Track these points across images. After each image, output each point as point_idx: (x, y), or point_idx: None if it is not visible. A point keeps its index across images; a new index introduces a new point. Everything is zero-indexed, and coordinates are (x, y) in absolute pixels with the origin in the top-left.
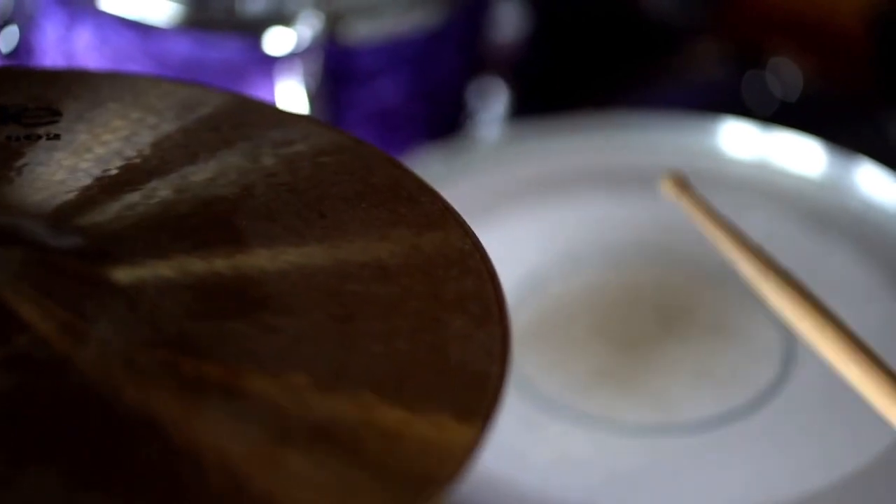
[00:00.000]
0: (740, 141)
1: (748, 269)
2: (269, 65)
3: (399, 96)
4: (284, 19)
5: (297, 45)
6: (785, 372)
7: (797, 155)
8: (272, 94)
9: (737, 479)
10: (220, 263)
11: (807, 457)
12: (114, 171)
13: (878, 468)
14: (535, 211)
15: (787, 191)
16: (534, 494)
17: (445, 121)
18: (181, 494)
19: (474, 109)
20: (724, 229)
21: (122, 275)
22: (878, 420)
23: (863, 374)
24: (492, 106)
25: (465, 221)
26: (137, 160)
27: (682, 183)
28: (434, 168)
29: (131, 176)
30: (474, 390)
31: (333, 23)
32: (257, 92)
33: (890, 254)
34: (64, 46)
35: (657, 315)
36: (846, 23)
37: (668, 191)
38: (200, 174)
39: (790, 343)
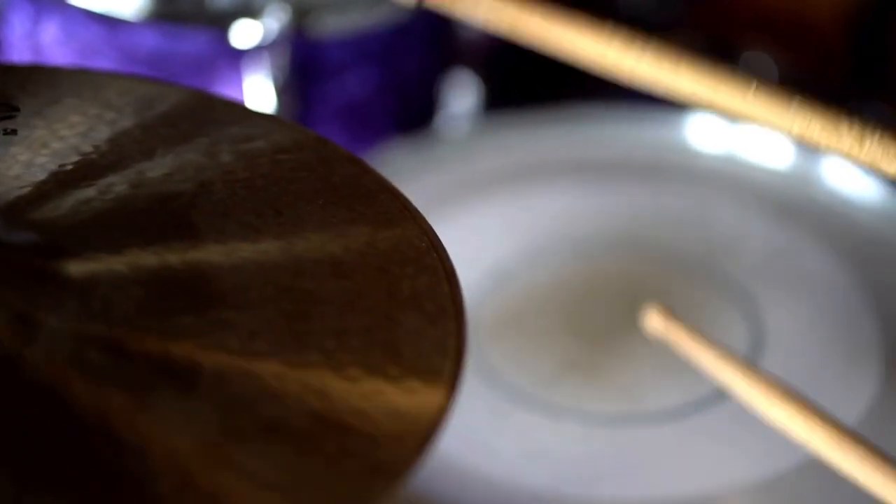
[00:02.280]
0: (708, 134)
1: (745, 389)
2: (237, 58)
3: (368, 90)
4: (252, 12)
5: (264, 39)
6: (751, 361)
7: (764, 147)
8: (240, 88)
9: (701, 468)
10: (174, 259)
11: (771, 444)
12: (69, 167)
13: None
14: (504, 203)
15: (755, 183)
16: (501, 483)
17: (416, 115)
18: (128, 491)
19: (445, 103)
20: (716, 352)
21: (75, 269)
22: (838, 407)
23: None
24: (463, 100)
25: (424, 219)
26: (94, 156)
27: (668, 314)
28: (403, 161)
29: (87, 171)
30: (427, 387)
31: (300, 16)
32: (225, 85)
33: (857, 245)
34: (31, 40)
35: (624, 306)
36: (820, 17)
37: (654, 324)
38: (157, 170)
39: (757, 333)
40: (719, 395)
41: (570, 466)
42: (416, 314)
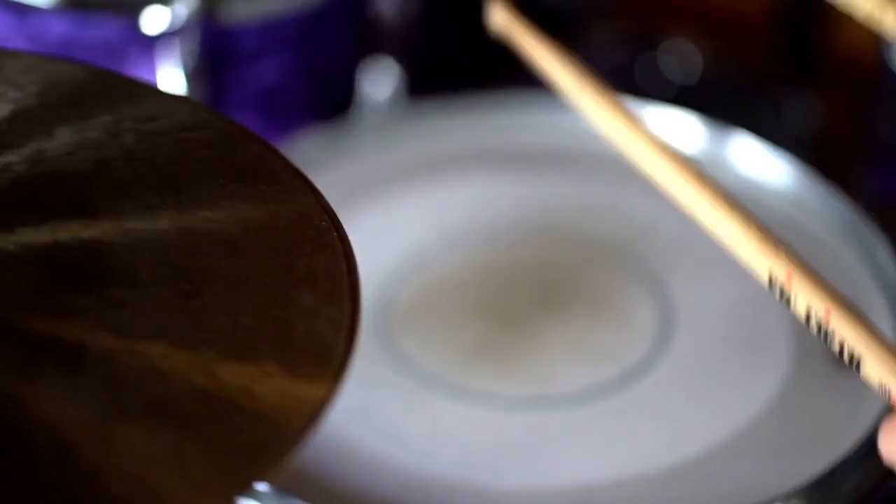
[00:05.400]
0: None
1: (577, 92)
2: (148, 44)
3: (283, 76)
4: None
5: (173, 24)
6: (660, 345)
7: (674, 131)
8: (152, 75)
9: (612, 451)
10: (67, 238)
11: (680, 427)
12: None
13: (745, 437)
14: (420, 190)
15: None
16: (411, 470)
17: (333, 102)
18: (8, 465)
19: (363, 90)
20: (553, 52)
21: None
22: (746, 391)
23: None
24: (381, 87)
25: (324, 198)
26: None
27: (512, 15)
28: (320, 148)
29: None
30: (318, 365)
31: (212, 1)
32: (137, 72)
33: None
34: None
35: (537, 292)
36: (748, 6)
37: (497, 20)
38: (57, 149)
39: (666, 316)
40: (630, 379)
41: (481, 452)
42: (312, 292)
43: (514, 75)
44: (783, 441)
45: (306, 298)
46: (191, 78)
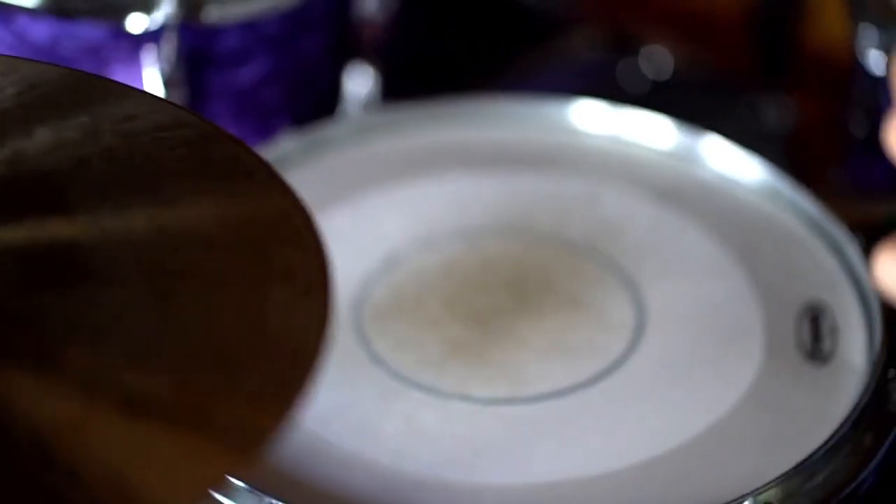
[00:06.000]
0: (593, 118)
1: None
2: (132, 47)
3: (265, 78)
4: (145, 3)
5: (156, 27)
6: (634, 343)
7: (648, 129)
8: (136, 76)
9: (586, 448)
10: (45, 237)
11: (653, 424)
12: None
13: (718, 433)
14: (395, 190)
15: (640, 165)
16: (388, 469)
17: (313, 104)
18: None
19: (343, 92)
20: None
21: None
22: (719, 388)
23: None
24: (358, 88)
25: (299, 196)
26: None
27: None
28: (297, 148)
29: None
30: (291, 359)
31: (192, 4)
32: (121, 74)
33: (738, 224)
34: None
35: (512, 291)
36: (724, 10)
37: None
38: (35, 149)
39: (641, 315)
40: (605, 377)
41: (458, 450)
42: (287, 288)
43: (491, 76)
44: (755, 437)
45: (281, 296)
46: (173, 80)
